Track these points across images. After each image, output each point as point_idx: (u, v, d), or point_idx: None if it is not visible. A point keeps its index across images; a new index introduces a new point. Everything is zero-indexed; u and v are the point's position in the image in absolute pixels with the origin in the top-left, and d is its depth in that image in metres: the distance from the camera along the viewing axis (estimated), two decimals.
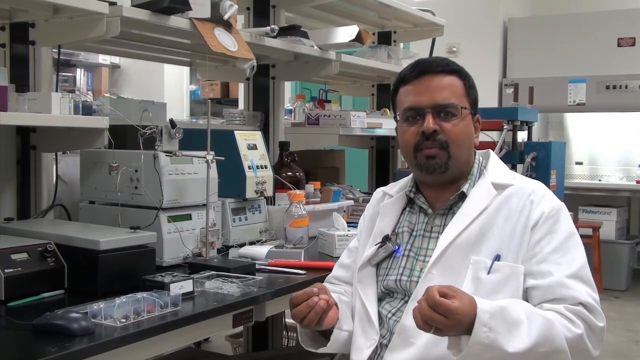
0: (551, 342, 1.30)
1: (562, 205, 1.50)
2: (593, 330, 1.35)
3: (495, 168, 1.57)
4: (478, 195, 1.51)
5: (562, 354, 1.31)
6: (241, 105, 5.01)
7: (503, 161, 1.63)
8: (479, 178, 1.55)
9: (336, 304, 1.50)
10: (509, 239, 1.44)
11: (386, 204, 1.64)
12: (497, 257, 1.43)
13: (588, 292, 1.38)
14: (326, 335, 1.54)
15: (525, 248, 1.43)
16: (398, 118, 1.57)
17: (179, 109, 6.32)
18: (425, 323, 1.24)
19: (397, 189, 1.66)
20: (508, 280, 1.42)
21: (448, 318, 1.23)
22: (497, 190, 1.51)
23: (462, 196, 1.53)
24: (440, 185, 1.55)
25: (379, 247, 1.57)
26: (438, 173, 1.51)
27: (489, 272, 1.42)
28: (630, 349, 4.15)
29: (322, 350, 1.56)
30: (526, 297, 1.42)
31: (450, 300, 1.24)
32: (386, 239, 1.57)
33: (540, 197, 1.48)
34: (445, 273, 1.45)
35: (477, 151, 1.60)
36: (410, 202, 1.61)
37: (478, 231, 1.46)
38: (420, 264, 1.51)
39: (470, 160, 1.56)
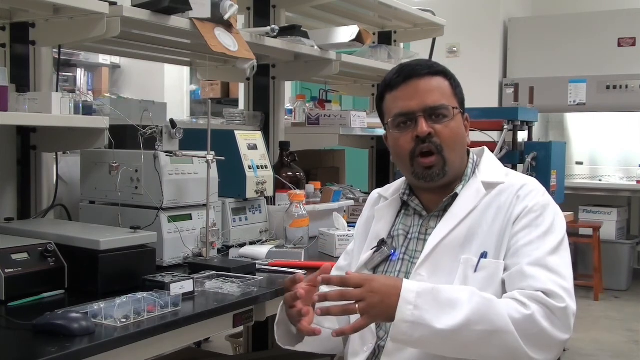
0: (489, 321, 1.26)
1: (551, 202, 1.45)
2: (552, 311, 1.28)
3: (488, 166, 1.54)
4: (467, 196, 1.49)
5: (507, 335, 1.26)
6: (241, 105, 5.01)
7: (503, 161, 1.61)
8: (471, 178, 1.52)
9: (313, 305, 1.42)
10: (496, 236, 1.42)
11: (381, 207, 1.62)
12: (484, 255, 1.40)
13: (550, 279, 1.32)
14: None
15: (507, 243, 1.40)
16: (388, 125, 1.53)
17: (179, 109, 6.32)
18: (343, 302, 1.27)
19: (392, 191, 1.64)
20: (494, 278, 1.38)
21: (363, 286, 1.27)
22: (487, 190, 1.48)
23: (456, 197, 1.50)
24: (434, 188, 1.53)
25: (374, 252, 1.55)
26: (436, 181, 1.49)
27: (475, 270, 1.40)
28: (631, 349, 4.15)
29: (299, 347, 1.53)
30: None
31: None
32: (382, 243, 1.55)
33: (527, 192, 1.44)
34: (435, 274, 1.43)
35: (472, 149, 1.58)
36: (405, 204, 1.60)
37: (467, 230, 1.44)
38: (415, 267, 1.48)
39: (464, 160, 1.54)
